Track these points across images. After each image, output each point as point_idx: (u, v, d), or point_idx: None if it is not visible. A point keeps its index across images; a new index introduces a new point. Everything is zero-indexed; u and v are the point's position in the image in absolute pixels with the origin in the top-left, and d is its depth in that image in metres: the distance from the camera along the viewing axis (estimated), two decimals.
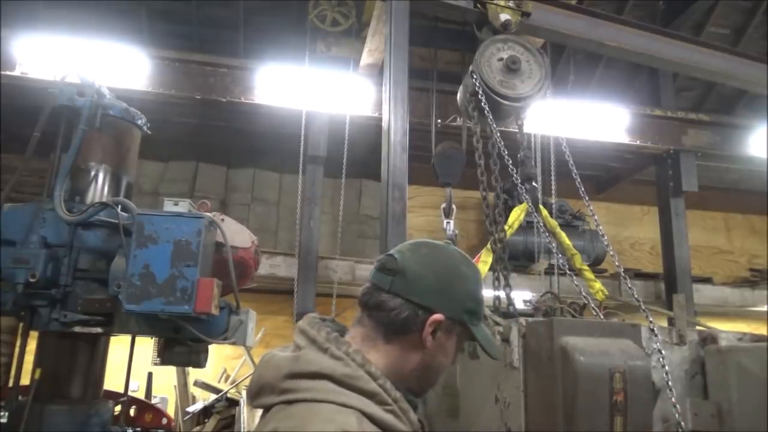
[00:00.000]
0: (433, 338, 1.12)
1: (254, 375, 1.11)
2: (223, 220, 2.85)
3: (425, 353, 1.13)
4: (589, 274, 4.38)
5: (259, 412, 1.10)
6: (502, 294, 3.13)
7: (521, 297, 3.54)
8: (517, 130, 3.69)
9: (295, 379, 1.02)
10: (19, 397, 2.63)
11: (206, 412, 6.55)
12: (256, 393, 1.07)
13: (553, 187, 5.71)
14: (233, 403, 6.53)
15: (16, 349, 2.72)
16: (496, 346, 1.24)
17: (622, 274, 2.80)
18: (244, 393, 6.42)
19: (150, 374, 4.12)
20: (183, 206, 2.79)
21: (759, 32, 7.93)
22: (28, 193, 4.06)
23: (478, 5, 3.94)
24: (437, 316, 1.11)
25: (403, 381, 1.11)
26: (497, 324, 2.21)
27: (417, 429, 1.09)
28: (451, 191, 4.55)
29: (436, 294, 1.13)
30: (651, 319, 2.29)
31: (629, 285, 2.68)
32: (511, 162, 3.24)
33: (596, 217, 3.16)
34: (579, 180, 3.33)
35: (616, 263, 2.85)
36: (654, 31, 4.78)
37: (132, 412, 3.58)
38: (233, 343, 2.81)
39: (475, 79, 3.47)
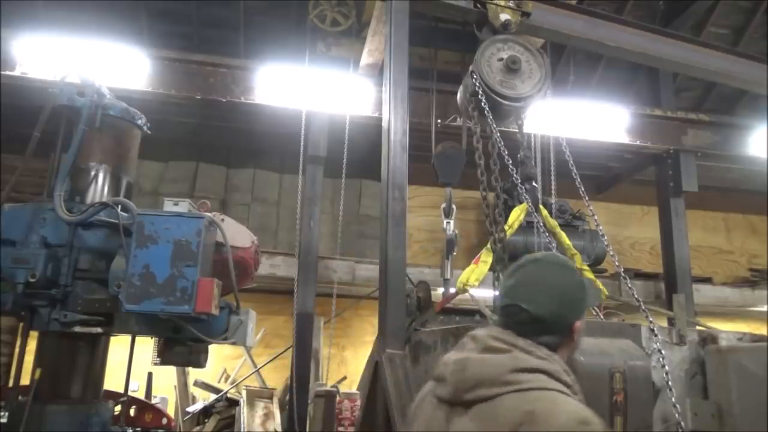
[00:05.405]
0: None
1: (462, 373, 1.35)
2: (223, 220, 2.85)
3: (571, 348, 1.48)
4: (589, 274, 4.38)
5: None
6: None
7: None
8: (517, 130, 3.69)
9: (518, 373, 1.29)
10: (19, 397, 2.62)
11: (206, 412, 6.55)
12: (472, 387, 1.32)
13: (553, 187, 5.71)
14: (233, 403, 6.53)
15: (16, 349, 2.72)
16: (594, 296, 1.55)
17: (622, 274, 2.80)
18: (244, 393, 6.43)
19: (150, 374, 4.13)
20: (183, 206, 2.79)
21: (759, 32, 7.93)
22: (28, 193, 4.06)
23: (478, 5, 3.95)
24: (577, 325, 1.44)
25: None
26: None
27: None
28: (451, 191, 4.55)
29: (566, 315, 1.43)
30: (651, 319, 2.29)
31: (629, 285, 2.68)
32: (511, 162, 3.24)
33: (596, 217, 3.17)
34: (579, 180, 3.34)
35: (616, 263, 2.86)
36: (654, 31, 4.78)
37: (132, 412, 3.57)
38: (233, 343, 2.81)
39: (475, 79, 3.47)
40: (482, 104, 3.42)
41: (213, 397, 6.64)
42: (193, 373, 6.72)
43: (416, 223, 8.28)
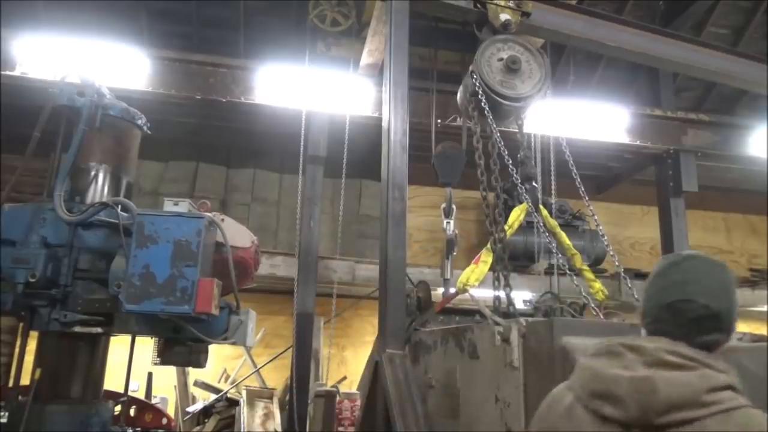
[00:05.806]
0: None
1: (652, 396, 1.23)
2: (223, 220, 2.85)
3: (721, 351, 1.37)
4: (589, 274, 4.37)
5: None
6: (502, 294, 3.13)
7: (521, 297, 3.55)
8: (517, 130, 3.69)
9: (712, 393, 1.22)
10: (19, 397, 2.62)
11: (206, 412, 6.55)
12: (664, 410, 1.22)
13: (553, 187, 5.71)
14: (233, 403, 6.53)
15: (16, 349, 2.72)
16: None
17: (622, 274, 2.81)
18: (244, 393, 6.43)
19: (150, 374, 4.13)
20: (183, 206, 2.79)
21: (759, 32, 7.93)
22: (28, 193, 4.06)
23: (478, 5, 3.95)
24: (735, 324, 1.39)
25: None
26: (497, 324, 2.21)
27: None
28: (451, 191, 4.55)
29: (735, 311, 1.38)
30: None
31: (629, 285, 2.69)
32: (511, 162, 3.24)
33: (596, 217, 3.17)
34: (579, 180, 3.34)
35: (616, 263, 2.86)
36: (654, 31, 4.78)
37: (132, 412, 3.58)
38: (233, 343, 2.81)
39: (475, 79, 3.47)
40: (482, 104, 3.42)
41: (213, 397, 6.65)
42: (193, 373, 6.72)
43: (416, 223, 8.29)
